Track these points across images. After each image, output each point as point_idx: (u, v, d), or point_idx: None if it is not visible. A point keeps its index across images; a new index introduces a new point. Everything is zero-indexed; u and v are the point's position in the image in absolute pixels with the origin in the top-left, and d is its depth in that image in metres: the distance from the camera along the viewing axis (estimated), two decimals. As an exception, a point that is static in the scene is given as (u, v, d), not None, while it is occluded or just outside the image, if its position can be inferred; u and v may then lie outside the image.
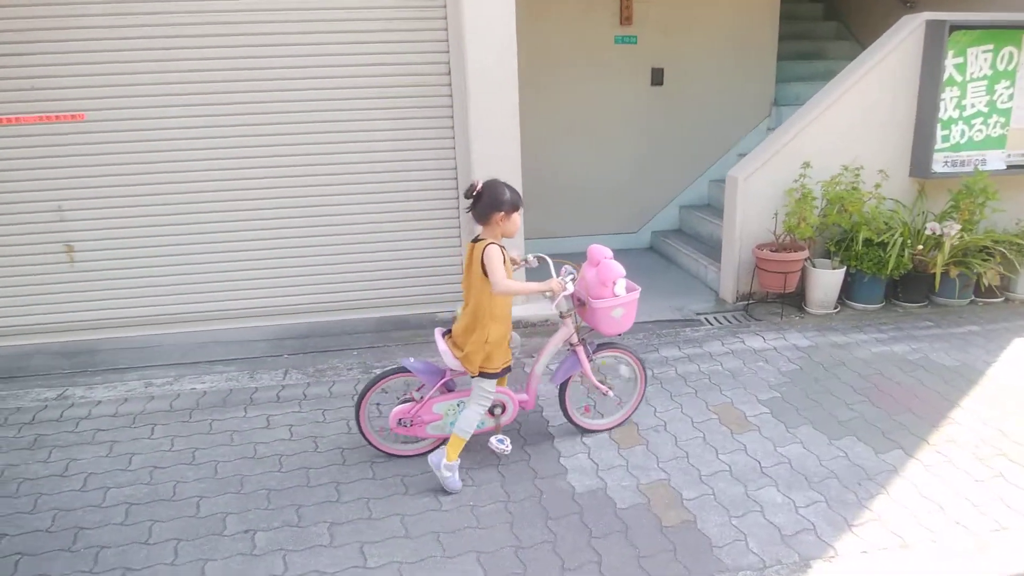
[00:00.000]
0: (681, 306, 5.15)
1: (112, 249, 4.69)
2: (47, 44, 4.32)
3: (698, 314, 5.01)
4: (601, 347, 3.36)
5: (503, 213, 2.87)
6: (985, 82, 5.02)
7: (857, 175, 4.97)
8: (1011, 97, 5.10)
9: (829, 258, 5.02)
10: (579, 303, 3.21)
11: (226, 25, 4.42)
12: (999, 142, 5.18)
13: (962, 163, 5.12)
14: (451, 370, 3.09)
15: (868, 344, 4.40)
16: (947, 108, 5.00)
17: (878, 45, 4.97)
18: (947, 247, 4.67)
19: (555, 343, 3.23)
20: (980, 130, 5.11)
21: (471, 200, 2.89)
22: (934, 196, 5.16)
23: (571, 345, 3.24)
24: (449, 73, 4.68)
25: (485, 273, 2.82)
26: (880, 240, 4.77)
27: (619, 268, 3.09)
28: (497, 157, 4.61)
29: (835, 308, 4.98)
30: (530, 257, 3.23)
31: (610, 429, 3.45)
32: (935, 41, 4.84)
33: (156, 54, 4.40)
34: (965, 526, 2.74)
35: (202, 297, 4.83)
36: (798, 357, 4.21)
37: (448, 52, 4.65)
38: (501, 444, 3.07)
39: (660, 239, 6.65)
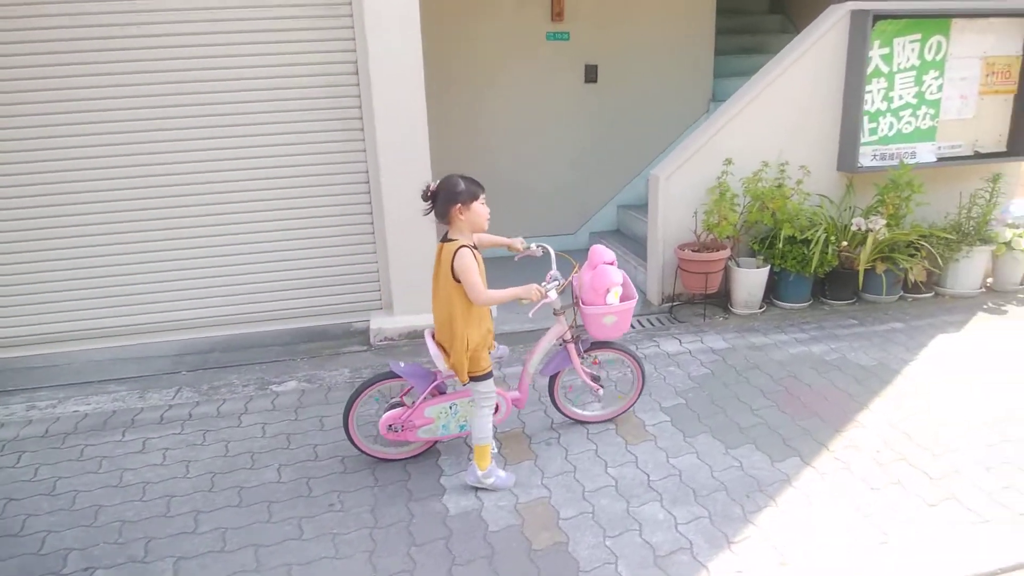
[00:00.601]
0: (606, 309, 4.99)
1: (14, 264, 4.46)
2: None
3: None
4: (595, 345, 3.28)
5: (460, 205, 2.73)
6: (913, 73, 4.90)
7: (783, 171, 4.83)
8: (940, 88, 4.98)
9: (754, 257, 4.87)
10: (576, 299, 3.15)
11: (127, 27, 4.18)
12: (929, 134, 5.06)
13: (891, 156, 5.00)
14: (441, 373, 2.96)
15: (787, 345, 4.25)
16: (874, 100, 4.87)
17: (802, 37, 4.83)
18: (870, 243, 4.54)
19: (548, 340, 3.16)
20: (909, 122, 4.99)
21: (429, 202, 2.79)
22: (863, 191, 5.03)
23: (564, 341, 3.17)
24: (357, 73, 4.50)
25: (456, 278, 2.69)
26: (804, 237, 4.63)
27: (614, 275, 3.02)
28: (404, 160, 4.43)
29: (760, 308, 4.83)
30: (533, 246, 3.13)
31: (603, 421, 3.42)
32: (859, 31, 4.70)
33: (56, 58, 4.17)
34: (850, 540, 2.58)
35: (100, 312, 4.60)
36: (712, 361, 4.06)
37: (355, 51, 4.46)
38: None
39: (598, 240, 6.48)
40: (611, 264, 3.15)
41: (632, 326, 4.68)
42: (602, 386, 3.32)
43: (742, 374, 3.89)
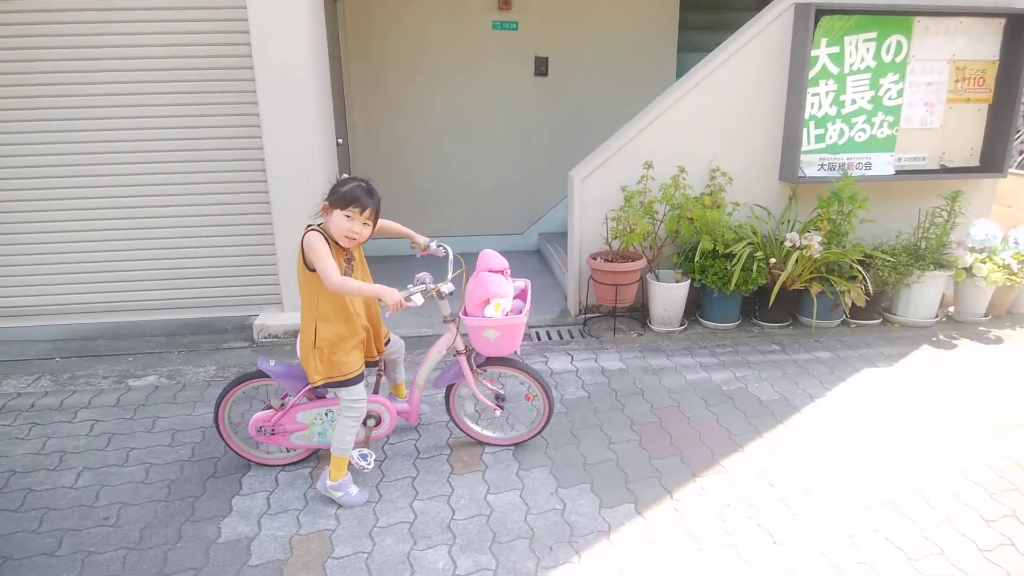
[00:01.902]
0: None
1: None
2: None
3: (530, 327, 4.51)
4: (491, 361, 2.93)
5: (325, 203, 2.50)
6: (868, 75, 4.41)
7: (714, 177, 4.41)
8: (900, 93, 4.48)
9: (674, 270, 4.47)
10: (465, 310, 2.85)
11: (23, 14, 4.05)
12: (887, 144, 4.56)
13: (841, 166, 4.52)
14: None
15: (688, 370, 3.86)
16: (822, 104, 4.41)
17: (742, 31, 4.39)
18: (792, 261, 4.09)
19: (438, 349, 2.89)
20: (863, 130, 4.50)
21: None
22: (808, 203, 4.56)
23: (456, 352, 2.88)
24: (252, 56, 4.25)
25: (308, 266, 2.47)
26: (728, 251, 4.21)
27: (495, 286, 2.70)
28: (293, 152, 4.18)
29: (681, 326, 4.43)
30: (433, 244, 2.89)
31: (506, 446, 3.08)
32: (802, 27, 4.24)
33: None
34: (643, 611, 2.23)
35: (-11, 292, 4.50)
36: (595, 383, 3.70)
37: (250, 34, 4.21)
38: (363, 460, 2.72)
39: (544, 241, 6.15)
40: (499, 272, 2.84)
41: (537, 337, 4.35)
42: (501, 406, 2.97)
43: (621, 400, 3.52)
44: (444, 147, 6.04)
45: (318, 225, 2.53)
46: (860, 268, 4.15)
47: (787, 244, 4.24)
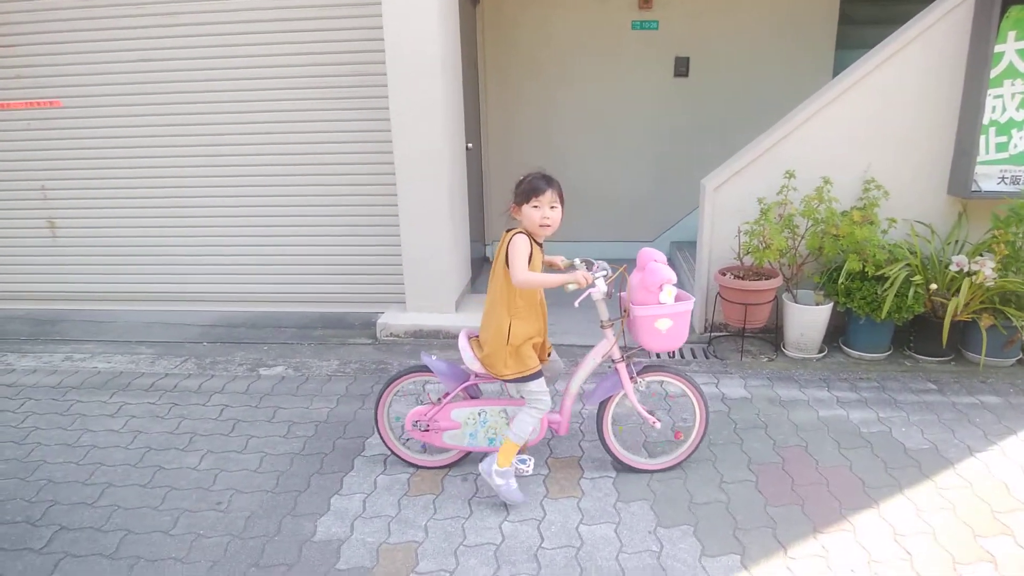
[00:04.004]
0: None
1: (88, 228, 5.02)
2: (30, 36, 4.66)
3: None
4: (648, 369, 2.88)
5: (514, 205, 2.63)
6: (1069, 73, 3.73)
7: (867, 190, 3.94)
8: (1113, 93, 3.74)
9: (815, 291, 4.05)
10: (625, 312, 2.80)
11: (174, 15, 4.49)
12: (1092, 154, 3.84)
13: (1028, 180, 3.87)
14: (476, 375, 2.81)
15: (822, 405, 3.46)
16: (1006, 107, 3.79)
17: (909, 25, 3.87)
18: (965, 289, 3.54)
19: (594, 357, 2.83)
20: (1060, 137, 3.82)
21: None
22: (982, 222, 3.95)
23: (612, 361, 2.82)
24: (385, 62, 4.38)
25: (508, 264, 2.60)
26: (880, 273, 3.74)
27: (668, 273, 2.67)
28: (420, 156, 4.25)
29: (820, 353, 4.01)
30: (577, 261, 2.89)
31: (659, 471, 2.94)
32: (984, 18, 3.67)
33: (127, 43, 4.58)
34: None
35: (159, 278, 5.02)
36: (713, 411, 3.41)
37: (384, 40, 4.35)
38: (522, 464, 2.76)
39: (676, 250, 5.84)
40: (660, 262, 2.72)
41: (656, 354, 4.12)
42: (659, 419, 2.87)
43: (740, 433, 3.23)
44: (578, 151, 5.91)
45: (518, 229, 2.58)
46: (1047, 301, 3.52)
47: (952, 268, 3.70)
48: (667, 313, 2.64)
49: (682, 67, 5.62)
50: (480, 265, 5.88)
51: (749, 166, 4.04)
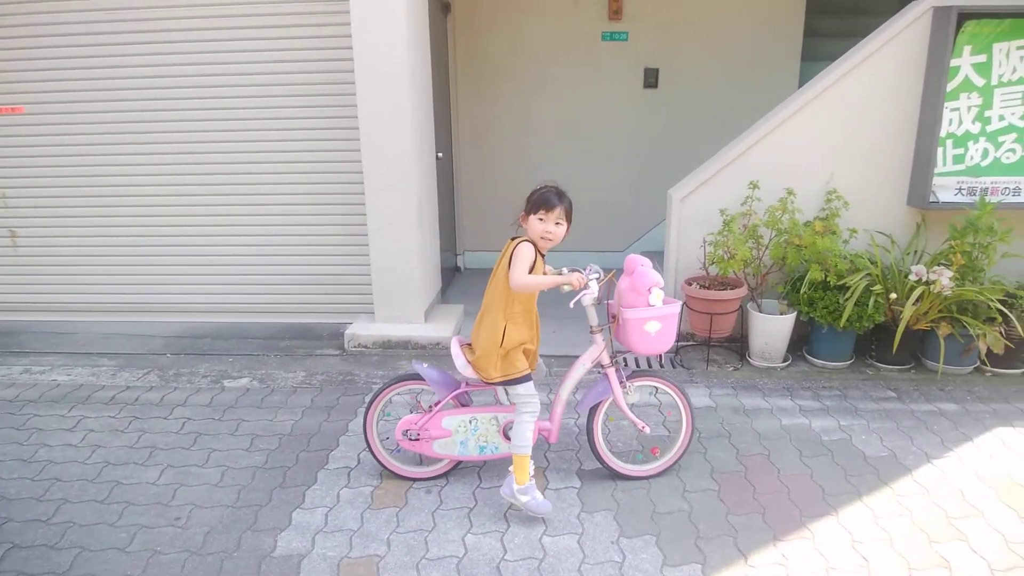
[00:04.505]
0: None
1: (50, 237, 4.91)
2: (-10, 42, 4.57)
3: (617, 352, 4.29)
4: (637, 374, 2.95)
5: (523, 213, 2.69)
6: (1020, 88, 3.84)
7: (830, 200, 4.02)
8: (1064, 108, 3.86)
9: (779, 301, 4.11)
10: (613, 318, 2.86)
11: (140, 22, 4.43)
12: (1044, 167, 3.95)
13: (984, 191, 3.97)
14: (467, 382, 2.84)
15: (785, 413, 3.51)
16: (962, 120, 3.89)
17: (870, 38, 3.96)
18: (914, 297, 3.61)
19: (583, 363, 2.87)
20: (1012, 150, 3.93)
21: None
22: (940, 232, 4.04)
23: (602, 367, 2.85)
24: (354, 72, 4.36)
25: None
26: (841, 283, 3.80)
27: (656, 277, 2.73)
28: (388, 165, 4.23)
29: (784, 362, 4.06)
30: (564, 270, 2.89)
31: (648, 477, 2.98)
32: (941, 33, 3.76)
33: (91, 50, 4.51)
34: None
35: (123, 288, 4.93)
36: (677, 420, 3.42)
37: (353, 49, 4.33)
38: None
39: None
40: (647, 267, 2.79)
41: (625, 363, 4.12)
42: (646, 424, 2.92)
43: (704, 443, 3.25)
44: (548, 161, 5.94)
45: (524, 238, 2.64)
46: (1002, 309, 3.60)
47: (912, 278, 3.77)
48: (656, 315, 2.71)
49: (651, 78, 5.69)
50: (451, 275, 5.87)
51: (715, 176, 4.10)
